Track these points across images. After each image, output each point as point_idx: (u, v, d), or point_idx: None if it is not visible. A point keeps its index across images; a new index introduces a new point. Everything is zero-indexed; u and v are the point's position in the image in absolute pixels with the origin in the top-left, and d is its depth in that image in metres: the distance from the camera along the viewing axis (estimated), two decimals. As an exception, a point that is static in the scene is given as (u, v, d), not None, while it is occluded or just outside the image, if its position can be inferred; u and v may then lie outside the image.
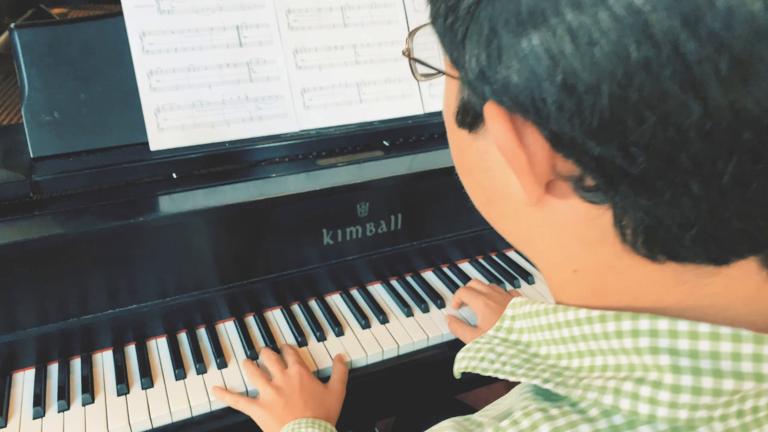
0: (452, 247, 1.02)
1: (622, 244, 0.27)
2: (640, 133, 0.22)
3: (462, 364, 0.35)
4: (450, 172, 0.94)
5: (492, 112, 0.25)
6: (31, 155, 0.81)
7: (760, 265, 0.26)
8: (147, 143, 0.85)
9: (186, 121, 0.88)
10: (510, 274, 1.01)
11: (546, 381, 0.30)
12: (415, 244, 0.98)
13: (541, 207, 0.28)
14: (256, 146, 0.90)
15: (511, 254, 1.07)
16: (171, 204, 0.82)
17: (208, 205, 0.80)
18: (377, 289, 0.97)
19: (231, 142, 0.89)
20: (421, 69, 0.35)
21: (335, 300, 0.94)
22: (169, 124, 0.87)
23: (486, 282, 0.95)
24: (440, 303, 0.93)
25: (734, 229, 0.23)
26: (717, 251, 0.25)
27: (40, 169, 0.80)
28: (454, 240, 1.01)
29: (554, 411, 0.28)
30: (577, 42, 0.21)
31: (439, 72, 0.32)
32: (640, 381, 0.27)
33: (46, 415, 0.73)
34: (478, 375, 0.39)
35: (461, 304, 0.92)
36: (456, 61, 0.27)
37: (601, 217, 0.27)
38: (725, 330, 0.25)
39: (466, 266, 1.03)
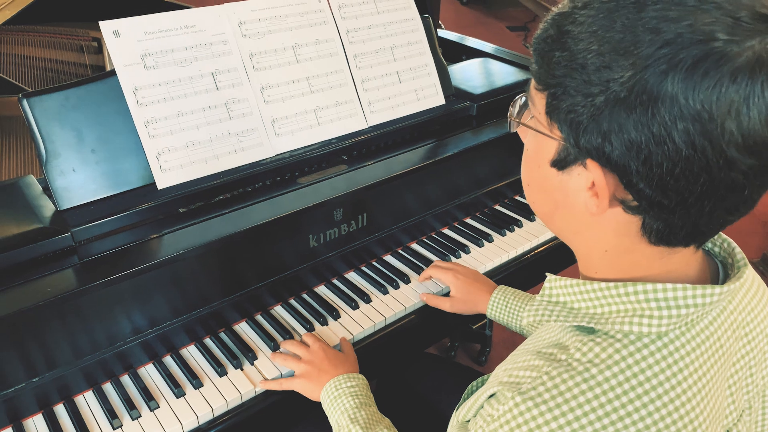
0: (402, 233, 1.26)
1: (639, 236, 0.52)
2: (677, 189, 0.46)
3: (530, 318, 0.60)
4: (398, 177, 1.18)
5: (594, 165, 0.49)
6: (59, 208, 0.92)
7: (694, 247, 0.54)
8: (154, 183, 0.99)
9: (183, 160, 1.03)
10: (449, 247, 1.27)
11: (588, 322, 0.55)
12: (376, 235, 1.21)
13: (595, 214, 0.53)
14: (245, 173, 1.06)
15: (446, 231, 1.33)
16: (191, 237, 0.97)
17: (221, 234, 0.97)
18: (353, 276, 1.19)
19: (223, 173, 1.05)
20: (516, 126, 0.60)
21: (323, 290, 1.15)
22: (170, 165, 1.01)
23: (433, 255, 1.22)
24: (406, 279, 1.17)
25: (699, 230, 0.50)
26: (688, 240, 0.52)
27: (72, 220, 0.91)
28: (404, 227, 1.25)
29: (597, 339, 0.54)
30: (656, 142, 0.45)
31: (542, 133, 0.54)
32: (641, 316, 0.53)
33: (123, 424, 0.88)
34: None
35: (428, 279, 1.16)
36: (568, 134, 0.50)
37: (632, 221, 0.52)
38: (678, 285, 0.52)
39: (415, 246, 1.28)
